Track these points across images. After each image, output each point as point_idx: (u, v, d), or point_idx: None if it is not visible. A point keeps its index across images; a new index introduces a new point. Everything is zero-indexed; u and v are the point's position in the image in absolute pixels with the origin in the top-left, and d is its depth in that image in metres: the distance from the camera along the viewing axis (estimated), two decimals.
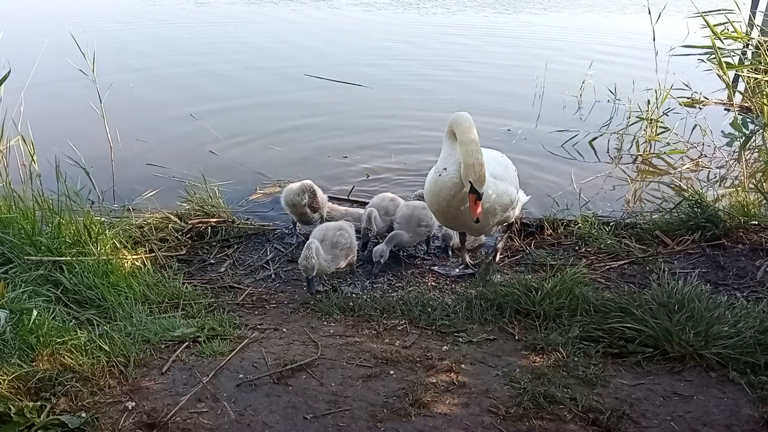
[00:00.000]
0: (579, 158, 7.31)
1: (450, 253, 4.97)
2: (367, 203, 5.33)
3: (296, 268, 4.59)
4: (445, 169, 3.82)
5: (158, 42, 12.81)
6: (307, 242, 4.10)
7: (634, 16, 14.13)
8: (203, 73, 10.37)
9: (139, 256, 4.27)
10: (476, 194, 3.66)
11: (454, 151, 3.82)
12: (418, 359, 3.25)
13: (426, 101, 9.13)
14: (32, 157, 6.16)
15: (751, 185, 5.76)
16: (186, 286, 4.13)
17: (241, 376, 3.08)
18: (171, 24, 15.04)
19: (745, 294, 4.09)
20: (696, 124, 7.79)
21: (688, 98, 8.26)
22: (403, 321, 3.72)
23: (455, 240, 4.90)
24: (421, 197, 4.92)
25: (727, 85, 7.40)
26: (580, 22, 17.44)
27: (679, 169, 6.94)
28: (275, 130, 7.83)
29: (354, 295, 4.19)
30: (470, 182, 3.64)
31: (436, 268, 4.71)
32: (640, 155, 7.48)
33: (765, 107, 6.87)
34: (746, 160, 6.91)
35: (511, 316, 3.69)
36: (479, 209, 3.71)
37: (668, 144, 7.50)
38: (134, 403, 2.83)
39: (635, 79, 8.12)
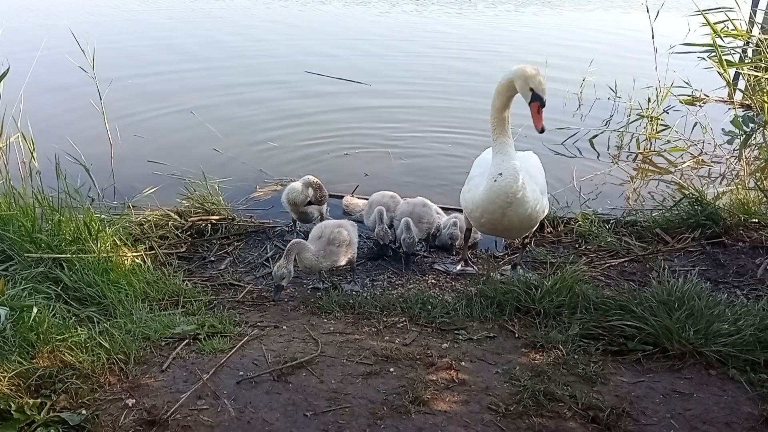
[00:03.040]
0: (579, 156, 7.31)
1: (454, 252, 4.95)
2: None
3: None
4: (501, 174, 3.67)
5: (158, 38, 12.77)
6: (288, 246, 4.07)
7: (636, 13, 14.11)
8: (203, 70, 10.34)
9: (139, 254, 4.27)
10: (540, 102, 3.55)
11: (507, 157, 3.70)
12: (418, 357, 3.26)
13: (426, 98, 9.10)
14: (32, 154, 6.15)
15: (752, 183, 5.76)
16: (186, 284, 4.13)
17: (241, 373, 3.08)
18: (170, 20, 15.00)
19: (745, 292, 4.10)
20: (696, 122, 7.80)
21: (689, 96, 8.27)
22: (403, 318, 3.73)
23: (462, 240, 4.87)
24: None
25: (728, 82, 7.40)
26: (581, 19, 17.42)
27: (680, 167, 6.94)
28: (276, 127, 7.82)
29: (354, 292, 4.19)
30: (531, 90, 3.51)
31: (436, 265, 4.71)
32: (641, 153, 7.48)
33: (765, 105, 6.87)
34: (747, 158, 6.92)
35: (511, 313, 3.69)
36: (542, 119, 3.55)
37: (669, 141, 7.50)
38: (134, 401, 2.84)
39: (636, 77, 8.11)
